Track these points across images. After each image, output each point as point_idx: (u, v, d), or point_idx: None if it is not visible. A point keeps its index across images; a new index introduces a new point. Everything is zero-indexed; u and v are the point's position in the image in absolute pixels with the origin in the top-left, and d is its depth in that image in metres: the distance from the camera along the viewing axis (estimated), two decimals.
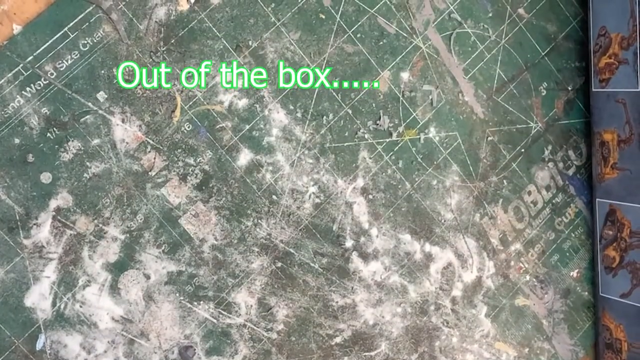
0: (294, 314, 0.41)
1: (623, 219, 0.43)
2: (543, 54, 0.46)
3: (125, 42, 0.38)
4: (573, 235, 0.48)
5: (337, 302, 0.42)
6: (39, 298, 0.38)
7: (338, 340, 0.42)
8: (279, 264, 0.41)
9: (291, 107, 0.41)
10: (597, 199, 0.46)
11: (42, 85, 0.37)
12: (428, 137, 0.43)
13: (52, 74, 0.37)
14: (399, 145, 0.43)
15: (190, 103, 0.39)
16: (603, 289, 0.46)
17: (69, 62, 0.37)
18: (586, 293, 0.48)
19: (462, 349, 0.44)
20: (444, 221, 0.44)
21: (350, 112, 0.42)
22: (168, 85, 0.39)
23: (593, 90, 0.45)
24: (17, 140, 0.37)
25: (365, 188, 0.42)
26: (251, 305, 0.41)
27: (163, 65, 0.39)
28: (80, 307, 0.38)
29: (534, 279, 0.47)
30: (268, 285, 0.41)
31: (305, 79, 0.41)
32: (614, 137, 0.43)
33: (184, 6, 0.39)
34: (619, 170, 0.43)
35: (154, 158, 0.39)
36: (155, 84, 0.39)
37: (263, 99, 0.40)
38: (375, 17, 0.42)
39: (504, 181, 0.45)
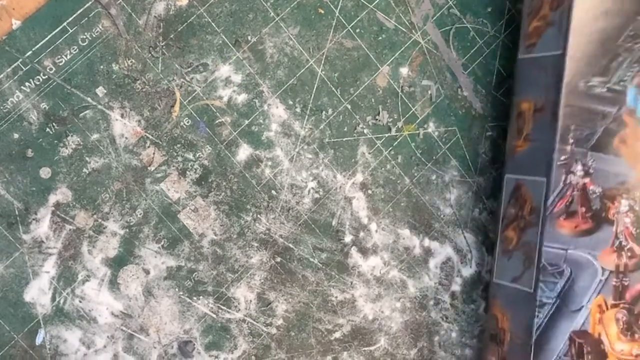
0: (294, 309, 0.42)
1: (526, 195, 0.40)
2: None
3: (124, 37, 0.38)
4: None
5: (336, 297, 0.42)
6: (38, 293, 0.38)
7: (337, 335, 0.42)
8: (278, 259, 0.41)
9: (290, 102, 0.41)
10: (506, 175, 0.42)
11: (41, 80, 0.37)
12: (427, 132, 0.43)
13: (51, 69, 0.37)
14: (398, 140, 0.43)
15: (190, 98, 0.39)
16: (497, 275, 0.42)
17: (68, 57, 0.37)
18: None
19: (461, 343, 0.45)
20: (443, 216, 0.44)
21: (349, 107, 0.42)
22: (167, 81, 0.39)
23: (519, 57, 0.42)
24: (16, 135, 0.37)
25: (365, 183, 0.42)
26: (250, 300, 0.41)
27: (162, 60, 0.39)
28: (80, 302, 0.38)
29: None
30: (267, 280, 0.41)
31: (303, 75, 0.41)
32: (531, 107, 0.40)
33: (182, 1, 0.39)
34: (530, 142, 0.40)
35: (153, 153, 0.39)
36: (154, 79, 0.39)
37: (262, 94, 0.40)
38: (374, 12, 0.42)
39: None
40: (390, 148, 0.43)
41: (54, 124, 0.37)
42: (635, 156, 0.38)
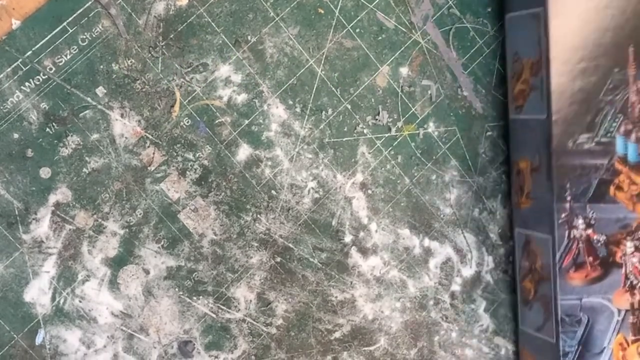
0: (293, 309, 0.42)
1: (536, 249, 0.42)
2: None
3: (124, 37, 0.38)
4: None
5: (336, 297, 0.42)
6: (38, 293, 0.38)
7: (337, 335, 0.42)
8: (278, 259, 0.41)
9: (290, 102, 0.41)
10: (515, 229, 0.44)
11: (41, 80, 0.37)
12: (427, 132, 0.43)
13: (51, 69, 0.37)
14: (398, 140, 0.43)
15: (189, 98, 0.39)
16: (522, 323, 0.44)
17: (68, 57, 0.37)
18: None
19: (461, 343, 0.45)
20: (443, 216, 0.44)
21: (349, 107, 0.42)
22: (167, 80, 0.39)
23: (510, 117, 0.43)
24: (16, 135, 0.37)
25: (364, 183, 0.42)
26: (250, 300, 0.41)
27: (162, 60, 0.39)
28: (80, 302, 0.38)
29: None
30: (267, 280, 0.41)
31: (303, 75, 0.41)
32: (527, 166, 0.42)
33: (182, 1, 0.39)
34: (532, 200, 0.41)
35: (153, 153, 0.39)
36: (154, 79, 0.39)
37: (262, 94, 0.40)
38: (374, 12, 0.42)
39: (503, 176, 0.45)
40: (390, 148, 0.43)
41: (54, 124, 0.37)
42: (633, 198, 0.39)
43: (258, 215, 0.41)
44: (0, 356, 0.37)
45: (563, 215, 0.39)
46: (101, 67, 0.38)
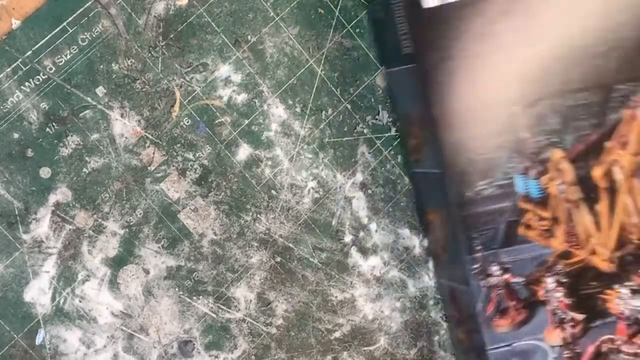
0: (293, 309, 0.42)
1: (459, 300, 0.41)
2: None
3: (124, 37, 0.38)
4: None
5: (336, 296, 0.42)
6: (38, 293, 0.38)
7: (337, 334, 0.42)
8: (278, 259, 0.41)
9: (290, 102, 0.41)
10: (440, 280, 0.43)
11: (41, 80, 0.37)
12: None
13: (50, 69, 0.37)
14: (398, 140, 0.43)
15: (189, 98, 0.39)
16: None
17: (68, 57, 0.37)
18: None
19: None
20: None
21: (349, 107, 0.42)
22: (167, 80, 0.39)
23: (411, 170, 0.42)
24: (16, 135, 0.37)
25: (364, 183, 0.42)
26: (250, 300, 0.41)
27: (162, 60, 0.39)
28: (80, 301, 0.38)
29: None
30: (267, 280, 0.41)
31: (303, 74, 0.41)
32: (437, 217, 0.41)
33: (182, 1, 0.39)
34: (447, 251, 0.40)
35: (153, 153, 0.39)
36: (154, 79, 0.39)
37: (262, 94, 0.40)
38: None
39: None
40: (390, 148, 0.43)
41: (54, 123, 0.37)
42: (544, 234, 0.39)
43: (258, 215, 0.41)
44: (0, 356, 0.37)
45: (476, 265, 0.38)
46: (101, 67, 0.38)
